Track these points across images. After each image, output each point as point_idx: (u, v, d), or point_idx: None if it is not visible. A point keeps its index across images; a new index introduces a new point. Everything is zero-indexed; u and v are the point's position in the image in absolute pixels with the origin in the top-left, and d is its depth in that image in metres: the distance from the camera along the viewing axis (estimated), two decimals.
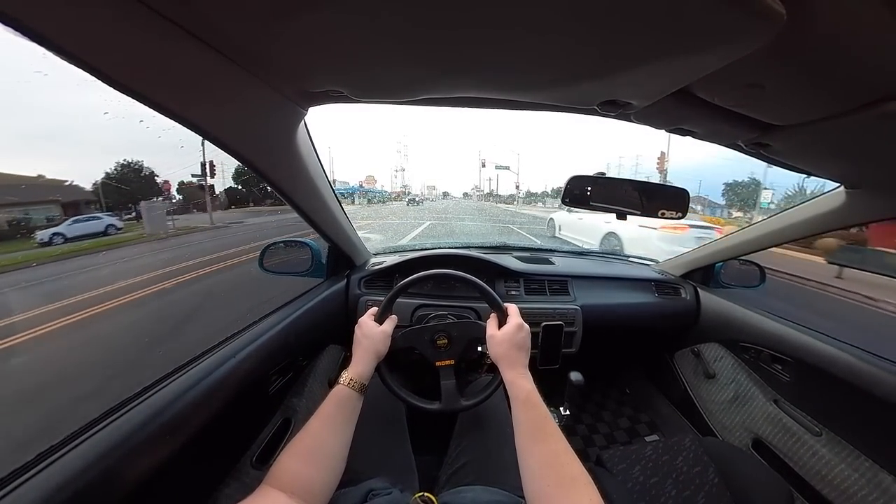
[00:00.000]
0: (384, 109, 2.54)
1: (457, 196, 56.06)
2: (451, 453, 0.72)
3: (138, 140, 2.48)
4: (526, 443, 0.46)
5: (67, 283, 3.72)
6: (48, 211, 4.23)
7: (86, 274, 4.08)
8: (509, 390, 0.54)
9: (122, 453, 0.43)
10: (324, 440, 0.50)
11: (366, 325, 0.66)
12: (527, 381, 0.54)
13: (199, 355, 0.62)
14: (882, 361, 0.75)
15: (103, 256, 5.01)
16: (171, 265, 4.53)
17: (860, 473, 0.74)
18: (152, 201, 8.29)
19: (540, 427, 0.47)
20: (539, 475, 0.42)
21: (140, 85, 0.37)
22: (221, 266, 4.48)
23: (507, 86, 0.47)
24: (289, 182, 0.71)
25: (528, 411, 0.49)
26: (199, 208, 10.91)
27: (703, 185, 37.64)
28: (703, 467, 0.80)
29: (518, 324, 0.62)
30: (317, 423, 0.52)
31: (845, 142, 0.51)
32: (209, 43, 0.38)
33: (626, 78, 0.40)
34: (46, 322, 2.61)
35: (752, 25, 0.27)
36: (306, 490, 0.43)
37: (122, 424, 0.45)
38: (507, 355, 0.58)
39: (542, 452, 0.44)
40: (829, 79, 0.36)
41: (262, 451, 0.72)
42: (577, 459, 0.42)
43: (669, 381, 1.39)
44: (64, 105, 71.79)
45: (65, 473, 0.38)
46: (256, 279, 1.12)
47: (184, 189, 12.08)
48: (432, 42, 0.35)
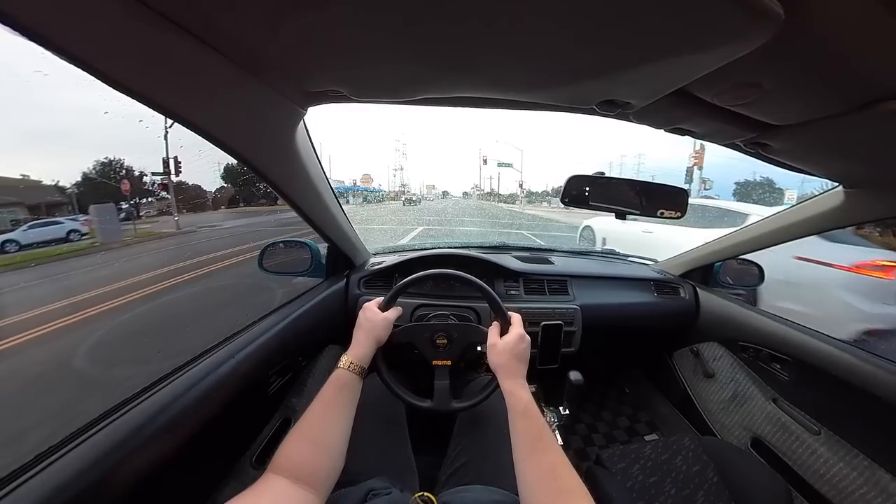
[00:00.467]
0: (383, 108, 2.54)
1: (456, 195, 55.50)
2: (451, 453, 0.72)
3: (133, 139, 2.35)
4: (523, 453, 0.46)
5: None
6: (13, 214, 3.90)
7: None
8: (507, 400, 0.54)
9: (121, 455, 0.43)
10: (325, 425, 0.50)
11: (369, 310, 0.66)
12: (525, 391, 0.54)
13: (198, 356, 0.62)
14: (881, 360, 0.75)
15: (31, 272, 4.17)
16: (90, 289, 3.54)
17: (858, 472, 0.74)
18: (105, 204, 7.14)
19: (538, 438, 0.47)
20: (536, 486, 0.42)
21: (140, 85, 0.37)
22: (135, 296, 3.45)
23: (506, 85, 0.47)
24: (288, 182, 0.71)
25: (526, 422, 0.49)
26: (189, 209, 10.49)
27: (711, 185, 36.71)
28: (702, 466, 0.80)
29: (520, 334, 0.62)
30: (317, 408, 0.51)
31: (844, 142, 0.51)
32: (209, 43, 0.38)
33: (625, 78, 0.40)
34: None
35: (749, 25, 0.27)
36: (310, 475, 0.43)
37: (120, 426, 0.45)
38: (507, 366, 0.58)
39: (539, 463, 0.44)
40: (827, 79, 0.36)
41: (261, 451, 0.72)
42: (574, 472, 0.43)
43: (669, 380, 1.39)
44: (62, 104, 71.29)
45: (63, 475, 0.38)
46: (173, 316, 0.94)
47: (142, 191, 11.13)
48: (431, 42, 0.35)
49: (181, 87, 0.41)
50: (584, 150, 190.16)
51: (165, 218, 9.53)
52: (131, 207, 10.21)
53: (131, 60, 0.35)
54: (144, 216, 10.31)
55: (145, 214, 10.51)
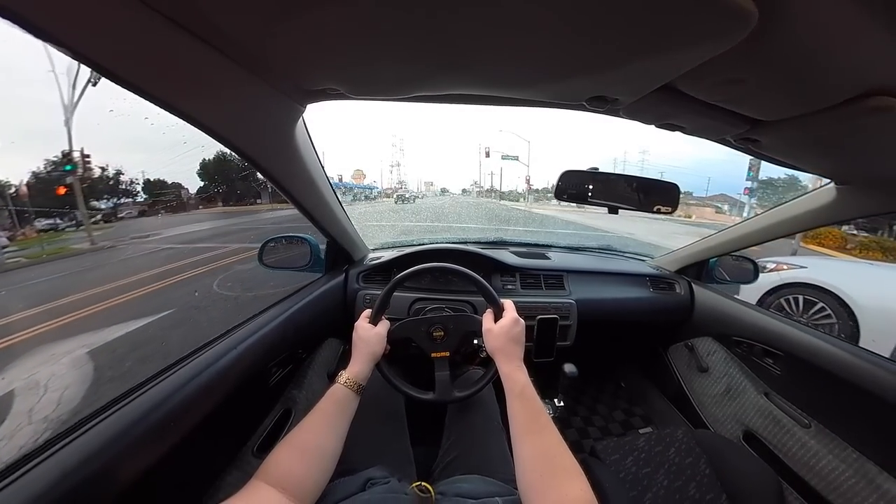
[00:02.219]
0: (380, 104, 2.33)
1: (455, 192, 54.58)
2: (444, 445, 0.74)
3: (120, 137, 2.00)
4: (520, 434, 0.47)
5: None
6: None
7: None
8: (504, 383, 0.55)
9: (125, 444, 0.44)
10: (319, 438, 0.51)
11: (361, 328, 0.67)
12: (522, 374, 0.55)
13: (200, 347, 0.64)
14: (870, 355, 0.76)
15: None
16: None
17: (847, 464, 0.75)
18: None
19: (534, 419, 0.48)
20: (531, 466, 0.44)
21: (142, 81, 0.38)
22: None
23: (498, 83, 0.48)
24: (288, 178, 0.72)
25: (522, 403, 0.51)
26: (170, 209, 8.65)
27: (712, 182, 35.55)
28: (694, 458, 0.82)
29: (514, 318, 0.63)
30: (312, 420, 0.52)
31: (831, 137, 0.52)
32: (209, 42, 0.39)
33: (612, 75, 0.41)
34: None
35: (724, 24, 0.28)
36: (297, 486, 0.44)
37: (123, 416, 0.46)
38: (503, 348, 0.60)
39: (535, 444, 0.46)
40: (808, 74, 0.37)
41: (262, 440, 0.73)
42: (570, 452, 0.44)
43: (663, 374, 1.41)
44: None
45: (67, 465, 0.39)
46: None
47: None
48: (427, 39, 0.36)
49: (183, 85, 0.42)
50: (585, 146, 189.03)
51: (127, 223, 7.49)
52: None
53: (135, 58, 0.37)
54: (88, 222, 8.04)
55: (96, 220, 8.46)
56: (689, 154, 76.49)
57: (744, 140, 0.59)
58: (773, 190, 17.43)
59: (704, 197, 26.06)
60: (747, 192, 11.06)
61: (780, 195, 17.75)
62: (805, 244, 6.46)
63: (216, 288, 4.06)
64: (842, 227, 8.42)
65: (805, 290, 2.40)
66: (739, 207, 19.07)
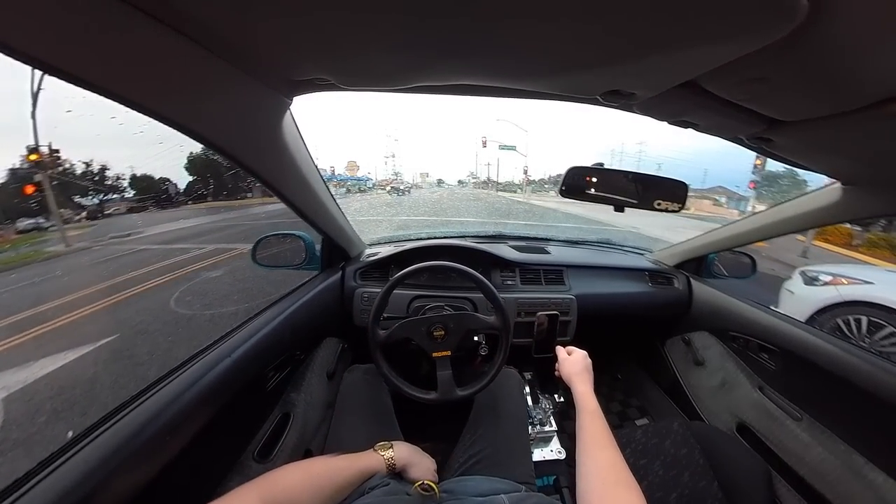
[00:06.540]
0: (374, 94, 2.23)
1: (451, 184, 53.98)
2: (465, 441, 0.75)
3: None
4: (589, 447, 0.53)
5: None
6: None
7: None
8: (578, 402, 0.62)
9: (124, 457, 0.43)
10: (332, 481, 0.52)
11: (418, 453, 0.68)
12: (594, 398, 0.62)
13: (193, 356, 0.62)
14: (861, 352, 0.78)
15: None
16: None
17: (836, 455, 0.78)
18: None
19: (604, 436, 0.54)
20: (596, 476, 0.48)
21: (110, 82, 0.34)
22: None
23: (506, 73, 0.45)
24: (277, 175, 0.68)
25: (593, 422, 0.57)
26: (158, 205, 7.79)
27: (708, 174, 35.51)
28: (689, 449, 0.84)
29: (584, 353, 0.73)
30: (339, 463, 0.54)
31: (847, 139, 0.50)
32: (184, 33, 0.35)
33: (632, 68, 0.38)
34: None
35: (767, 17, 0.25)
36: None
37: (120, 429, 0.45)
38: (581, 374, 0.67)
39: (602, 458, 0.51)
40: (841, 76, 0.34)
41: (262, 445, 0.72)
42: (628, 469, 0.48)
43: (660, 367, 1.43)
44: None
45: (69, 479, 0.38)
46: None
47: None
48: (426, 26, 0.33)
49: (156, 82, 0.38)
50: (583, 137, 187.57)
51: (109, 220, 6.80)
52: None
53: (102, 57, 0.32)
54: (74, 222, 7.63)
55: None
56: (687, 145, 76.46)
57: (757, 139, 0.56)
58: (778, 187, 17.26)
59: (702, 189, 26.08)
60: (753, 186, 10.94)
61: (784, 192, 17.47)
62: (815, 242, 6.52)
63: (173, 305, 3.31)
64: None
65: (871, 310, 1.96)
66: (737, 201, 18.34)
